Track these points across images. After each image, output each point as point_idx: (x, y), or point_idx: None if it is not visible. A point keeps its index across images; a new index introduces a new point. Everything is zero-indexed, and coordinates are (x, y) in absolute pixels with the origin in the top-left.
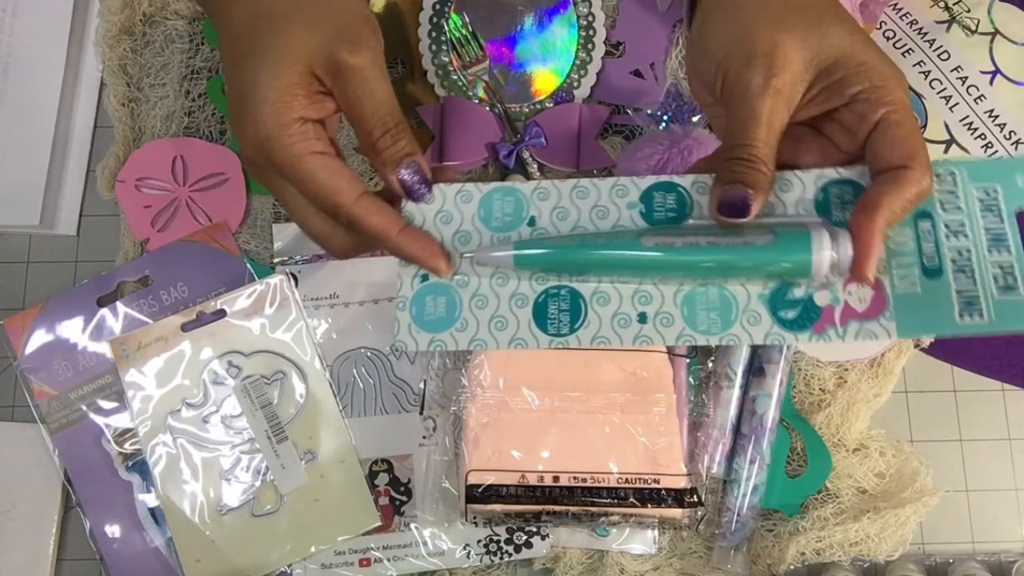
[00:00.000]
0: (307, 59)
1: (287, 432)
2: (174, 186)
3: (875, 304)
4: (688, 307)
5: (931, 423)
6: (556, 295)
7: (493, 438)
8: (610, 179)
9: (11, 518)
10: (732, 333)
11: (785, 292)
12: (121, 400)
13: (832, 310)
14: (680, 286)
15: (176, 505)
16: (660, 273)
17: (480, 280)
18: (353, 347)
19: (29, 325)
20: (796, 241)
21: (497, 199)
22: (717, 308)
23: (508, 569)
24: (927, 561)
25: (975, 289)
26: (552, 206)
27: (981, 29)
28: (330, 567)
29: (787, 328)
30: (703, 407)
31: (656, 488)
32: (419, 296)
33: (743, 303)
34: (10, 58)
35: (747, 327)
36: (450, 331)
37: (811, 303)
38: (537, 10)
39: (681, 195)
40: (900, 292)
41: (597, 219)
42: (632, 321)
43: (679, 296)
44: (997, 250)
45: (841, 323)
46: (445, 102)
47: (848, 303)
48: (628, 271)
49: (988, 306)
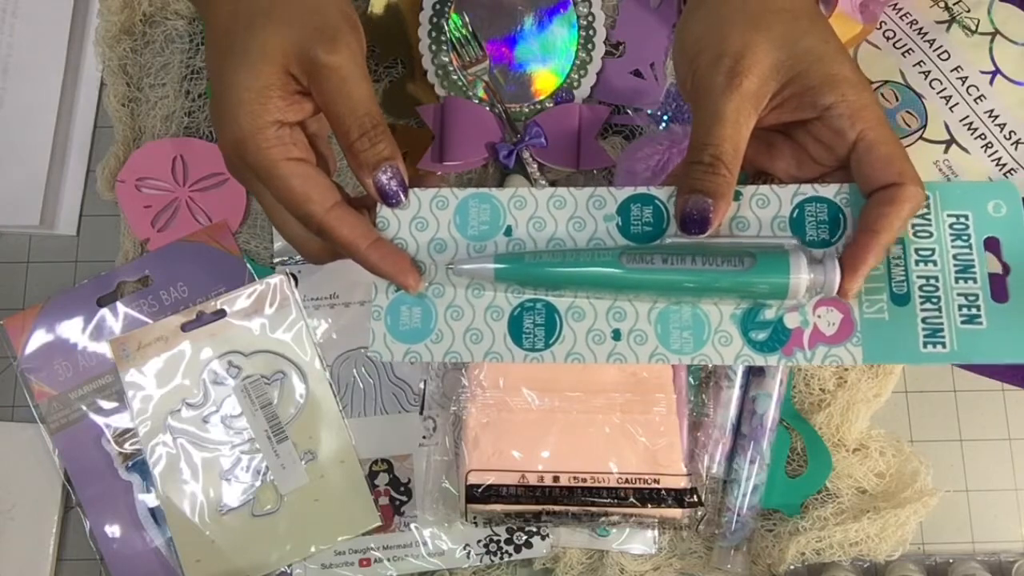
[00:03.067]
0: (283, 58)
1: (287, 432)
2: (174, 186)
3: (843, 328)
4: (662, 325)
5: (931, 423)
6: (532, 309)
7: (493, 438)
8: (587, 189)
9: (11, 518)
10: (703, 353)
11: (756, 313)
12: (121, 400)
13: (801, 333)
14: (654, 304)
15: (176, 505)
16: (638, 292)
17: (456, 291)
18: (353, 347)
19: (29, 325)
20: (775, 264)
21: (473, 206)
22: (690, 327)
23: (508, 569)
24: (927, 561)
25: (940, 319)
26: (529, 215)
27: (981, 29)
28: (330, 567)
29: (757, 350)
30: (703, 407)
31: (656, 488)
32: (394, 306)
33: (715, 323)
34: (10, 58)
35: (718, 348)
36: (425, 343)
37: (781, 325)
38: (537, 10)
39: (658, 208)
40: (868, 318)
41: (574, 231)
42: (606, 338)
43: (653, 314)
44: (964, 279)
45: (809, 346)
46: (445, 102)
47: (817, 326)
48: (606, 289)
49: (951, 337)
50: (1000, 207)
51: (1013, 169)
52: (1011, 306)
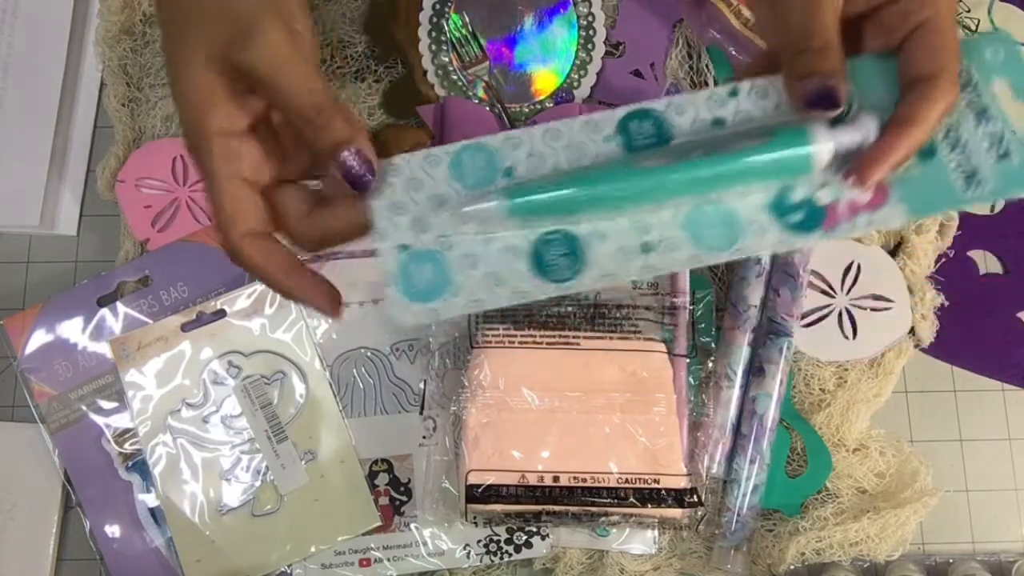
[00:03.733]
0: (214, 64)
1: (287, 432)
2: (174, 186)
3: (877, 194)
4: (690, 229)
5: (931, 423)
6: (551, 241)
7: (493, 438)
8: (581, 117)
9: (11, 518)
10: (740, 247)
11: (786, 197)
12: (121, 400)
13: (835, 207)
14: (677, 210)
15: (176, 505)
16: (658, 196)
17: (464, 240)
18: (353, 347)
19: (29, 325)
20: (794, 136)
21: (468, 157)
22: (720, 224)
23: (508, 569)
24: (927, 561)
25: (972, 162)
26: (527, 153)
27: (981, 29)
28: (330, 567)
29: (796, 231)
30: (703, 407)
31: (656, 488)
32: (404, 267)
33: (746, 216)
34: (10, 58)
35: (755, 238)
36: (445, 297)
37: (814, 204)
38: (537, 10)
39: (658, 120)
40: (898, 178)
41: (576, 158)
42: (636, 253)
43: (679, 219)
44: (983, 123)
45: (849, 217)
46: (445, 102)
47: (851, 198)
48: (624, 201)
49: (988, 175)
50: (998, 52)
51: None
52: None
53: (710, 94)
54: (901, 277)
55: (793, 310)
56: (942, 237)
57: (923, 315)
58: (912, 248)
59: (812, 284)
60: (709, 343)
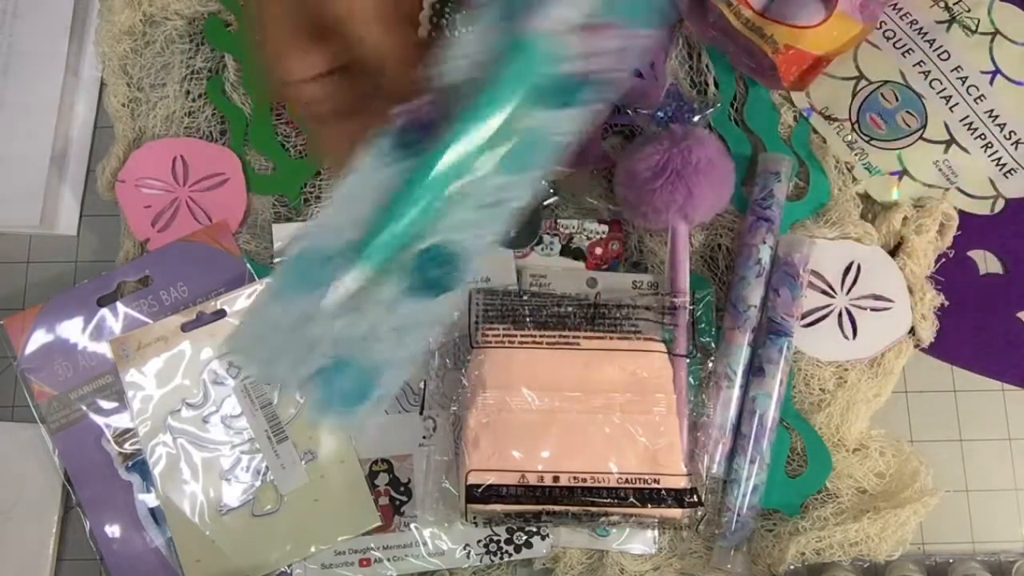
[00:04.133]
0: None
1: (287, 432)
2: (174, 186)
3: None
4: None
5: (931, 423)
6: (425, 262)
7: (493, 438)
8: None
9: (11, 518)
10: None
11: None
12: (121, 400)
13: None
14: (493, 153)
15: (176, 505)
16: (467, 165)
17: (349, 328)
18: None
19: (29, 325)
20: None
21: (291, 271)
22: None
23: (508, 569)
24: (927, 561)
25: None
26: (333, 224)
27: (981, 29)
28: (330, 567)
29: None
30: (703, 407)
31: (656, 488)
32: (325, 391)
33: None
34: (10, 58)
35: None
36: (378, 383)
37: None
38: None
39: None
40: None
41: (379, 196)
42: (490, 207)
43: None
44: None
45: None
46: None
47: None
48: (444, 185)
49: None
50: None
51: (1013, 169)
52: None
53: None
54: (901, 277)
55: (793, 310)
56: (942, 237)
57: (923, 315)
58: (912, 248)
59: (812, 284)
60: (709, 343)
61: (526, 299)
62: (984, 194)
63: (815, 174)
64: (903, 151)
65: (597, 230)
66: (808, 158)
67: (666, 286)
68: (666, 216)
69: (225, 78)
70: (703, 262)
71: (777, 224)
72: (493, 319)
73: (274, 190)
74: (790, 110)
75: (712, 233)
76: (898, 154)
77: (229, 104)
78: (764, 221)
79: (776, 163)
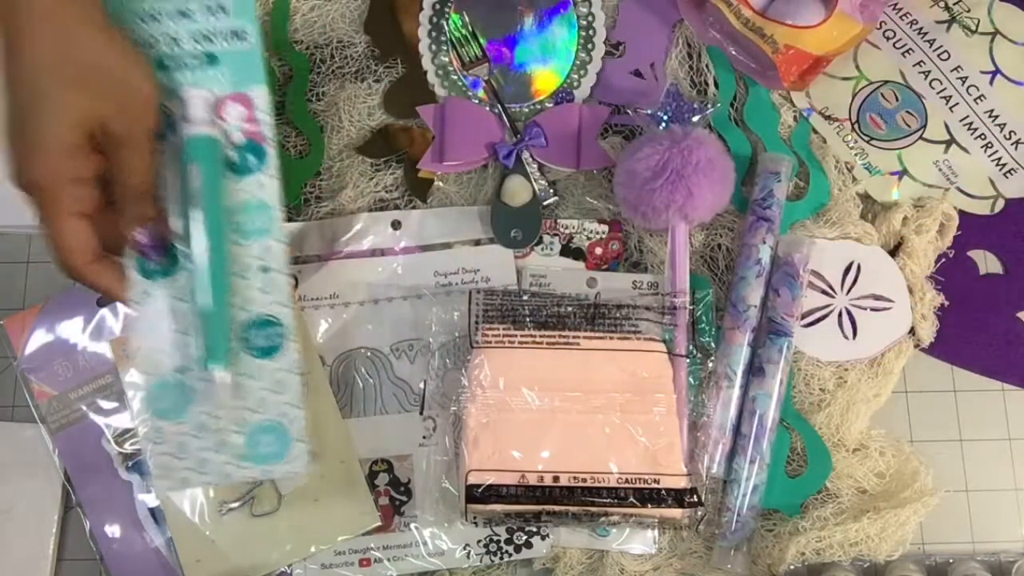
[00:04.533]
0: (86, 122)
1: None
2: None
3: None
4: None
5: (931, 423)
6: (248, 336)
7: (493, 438)
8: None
9: (11, 518)
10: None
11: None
12: (121, 400)
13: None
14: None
15: (176, 505)
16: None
17: (249, 415)
18: (353, 347)
19: (29, 325)
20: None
21: (154, 399)
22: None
23: (508, 569)
24: (927, 561)
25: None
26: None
27: (981, 29)
28: (330, 567)
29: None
30: (703, 407)
31: (656, 488)
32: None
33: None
34: None
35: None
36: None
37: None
38: (537, 10)
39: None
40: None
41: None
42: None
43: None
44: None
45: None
46: (445, 102)
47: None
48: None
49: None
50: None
51: (1013, 169)
52: None
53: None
54: (901, 277)
55: (793, 310)
56: (942, 237)
57: (923, 315)
58: (912, 248)
59: (812, 284)
60: (709, 343)
61: (526, 299)
62: (984, 194)
63: (815, 174)
64: (903, 151)
65: (597, 230)
66: (808, 158)
67: (666, 286)
68: (666, 216)
69: None
70: (703, 262)
71: (777, 224)
72: (493, 319)
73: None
74: (790, 110)
75: (712, 233)
76: (898, 154)
77: None
78: (764, 221)
79: (776, 163)
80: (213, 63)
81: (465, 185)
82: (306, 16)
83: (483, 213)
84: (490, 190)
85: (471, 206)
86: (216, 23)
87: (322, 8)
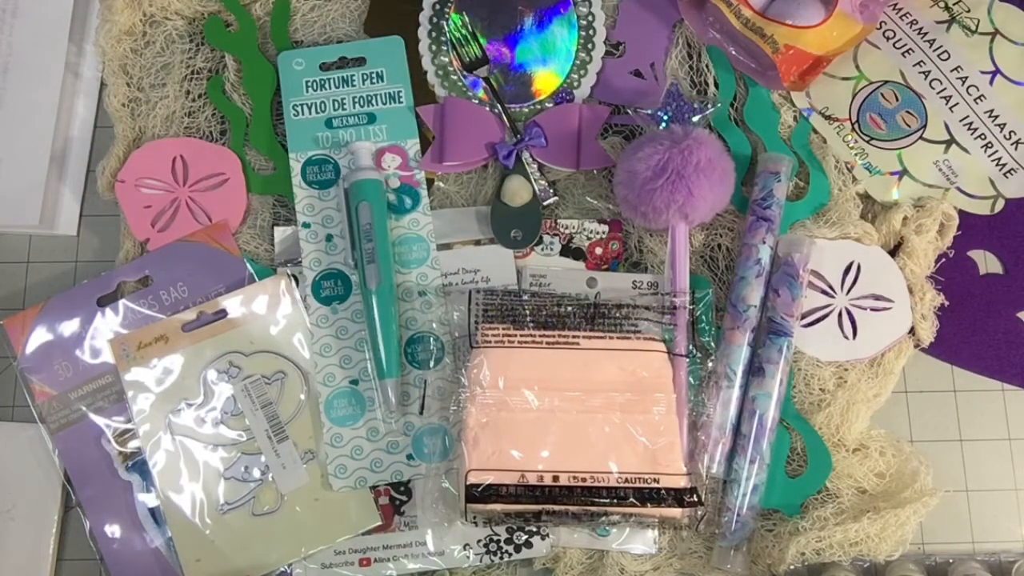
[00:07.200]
0: None
1: (287, 432)
2: (174, 186)
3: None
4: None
5: (931, 423)
6: (411, 344)
7: (493, 438)
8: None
9: (11, 518)
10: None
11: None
12: (121, 400)
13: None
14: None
15: (176, 505)
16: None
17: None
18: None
19: (29, 325)
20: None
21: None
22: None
23: (508, 569)
24: (927, 561)
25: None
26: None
27: (981, 29)
28: (330, 567)
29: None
30: (703, 407)
31: (656, 488)
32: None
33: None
34: (10, 58)
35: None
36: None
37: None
38: (537, 10)
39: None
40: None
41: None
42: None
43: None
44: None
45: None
46: (445, 102)
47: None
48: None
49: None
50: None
51: (1013, 169)
52: None
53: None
54: (901, 277)
55: (793, 310)
56: (942, 237)
57: (923, 315)
58: (912, 248)
59: (812, 284)
60: (709, 343)
61: (526, 299)
62: (984, 194)
63: (815, 174)
64: (903, 151)
65: (597, 230)
66: (808, 158)
67: (666, 286)
68: (666, 216)
69: (225, 78)
70: (703, 262)
71: (777, 224)
72: (493, 319)
73: (274, 190)
74: (790, 110)
75: (712, 233)
76: (898, 154)
77: (229, 104)
78: (764, 221)
79: (776, 163)
80: (372, 121)
81: (465, 185)
82: (306, 16)
83: (483, 213)
84: (490, 190)
85: (471, 206)
86: (375, 88)
87: (322, 8)
